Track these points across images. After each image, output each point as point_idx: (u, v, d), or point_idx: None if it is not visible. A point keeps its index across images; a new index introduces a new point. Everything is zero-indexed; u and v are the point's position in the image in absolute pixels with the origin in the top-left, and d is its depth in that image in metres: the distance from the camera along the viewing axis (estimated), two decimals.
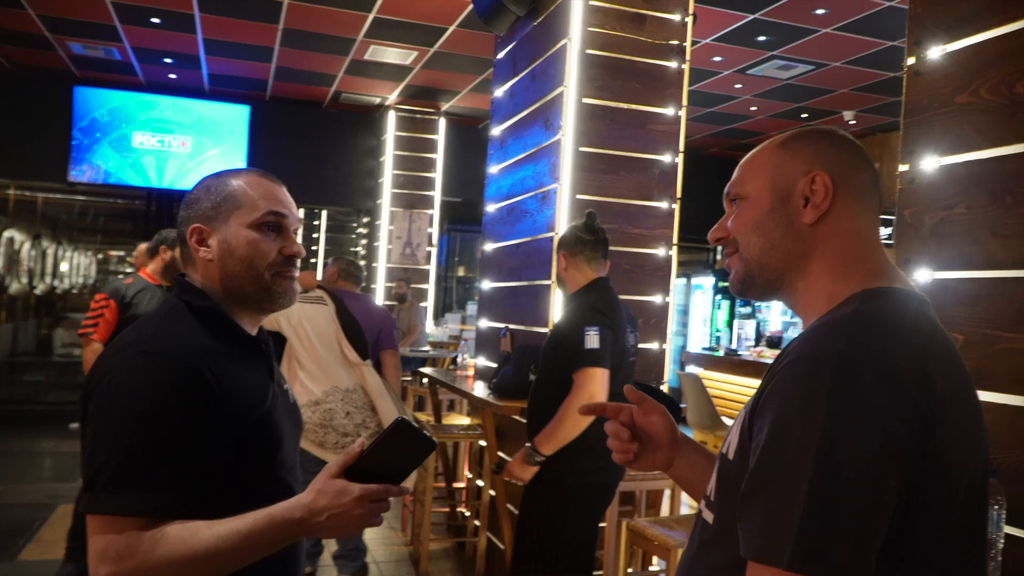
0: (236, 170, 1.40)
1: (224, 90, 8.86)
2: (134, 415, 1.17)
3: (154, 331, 1.28)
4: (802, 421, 0.84)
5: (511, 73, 4.92)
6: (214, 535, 1.14)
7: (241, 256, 1.33)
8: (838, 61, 6.92)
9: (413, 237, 9.03)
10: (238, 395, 1.27)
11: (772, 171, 1.06)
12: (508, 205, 4.79)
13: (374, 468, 1.17)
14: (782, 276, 1.05)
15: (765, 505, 0.85)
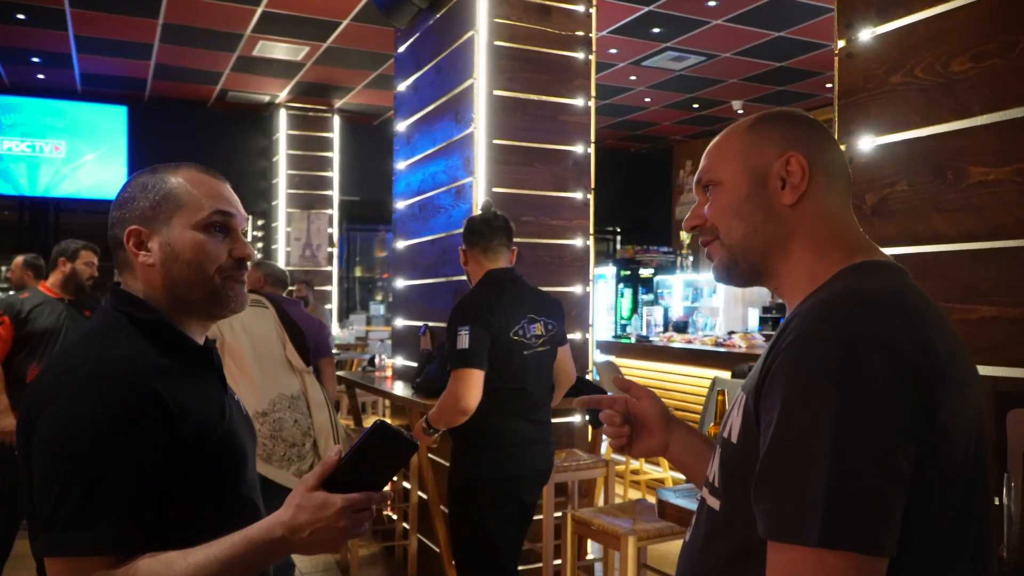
0: (174, 165, 1.28)
1: (98, 90, 8.35)
2: (89, 446, 1.06)
3: (99, 350, 1.15)
4: (812, 399, 0.85)
5: (414, 67, 4.82)
6: (190, 565, 1.05)
7: (187, 260, 1.21)
8: (728, 52, 7.14)
9: (312, 238, 8.77)
10: (197, 413, 1.17)
11: (745, 155, 1.06)
12: (420, 201, 4.69)
13: (353, 476, 1.10)
14: (765, 258, 1.06)
15: (784, 484, 0.85)
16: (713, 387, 4.74)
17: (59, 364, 1.15)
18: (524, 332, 2.78)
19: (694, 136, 10.57)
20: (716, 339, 6.36)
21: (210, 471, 1.18)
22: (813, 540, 0.81)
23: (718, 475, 1.02)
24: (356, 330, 8.91)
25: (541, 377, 2.83)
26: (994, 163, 1.58)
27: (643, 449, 1.31)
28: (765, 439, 0.89)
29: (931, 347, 0.87)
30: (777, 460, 0.87)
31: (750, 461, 0.92)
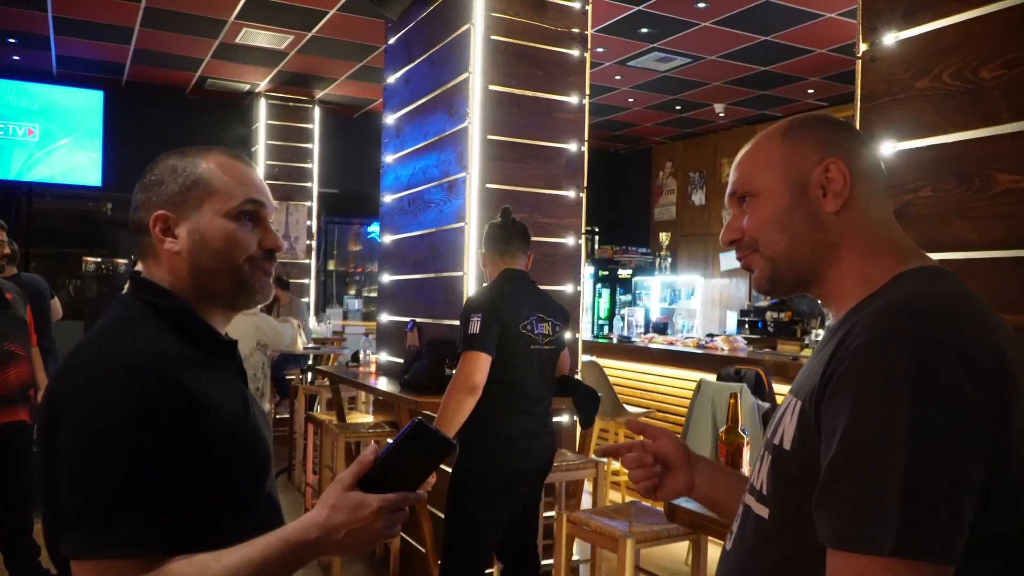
0: (204, 149, 1.25)
1: (75, 73, 8.16)
2: (119, 443, 1.02)
3: (124, 341, 1.11)
4: (885, 404, 0.83)
5: (406, 59, 4.76)
6: (224, 568, 1.01)
7: (216, 249, 1.18)
8: (713, 55, 7.15)
9: (291, 230, 8.65)
10: (222, 409, 1.13)
11: (782, 164, 1.04)
12: (409, 195, 4.64)
13: (390, 476, 1.08)
14: (812, 268, 1.04)
15: (853, 492, 0.83)
16: (700, 389, 4.75)
17: (83, 357, 1.10)
18: (532, 328, 2.90)
19: (674, 138, 10.60)
20: (698, 341, 6.37)
21: (237, 469, 1.14)
22: (887, 550, 0.80)
23: (767, 483, 1.00)
24: (333, 324, 8.81)
25: (544, 374, 2.95)
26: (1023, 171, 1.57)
27: (671, 490, 1.28)
28: (831, 445, 0.86)
29: (1002, 353, 0.86)
30: (846, 467, 0.85)
31: (808, 468, 0.90)
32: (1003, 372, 0.85)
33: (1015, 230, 1.58)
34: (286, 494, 5.91)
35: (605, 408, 5.35)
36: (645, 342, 6.53)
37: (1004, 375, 0.85)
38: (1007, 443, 0.84)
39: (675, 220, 10.71)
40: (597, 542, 2.74)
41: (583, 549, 4.02)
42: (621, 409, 5.26)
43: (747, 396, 4.48)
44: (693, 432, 4.66)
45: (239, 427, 1.16)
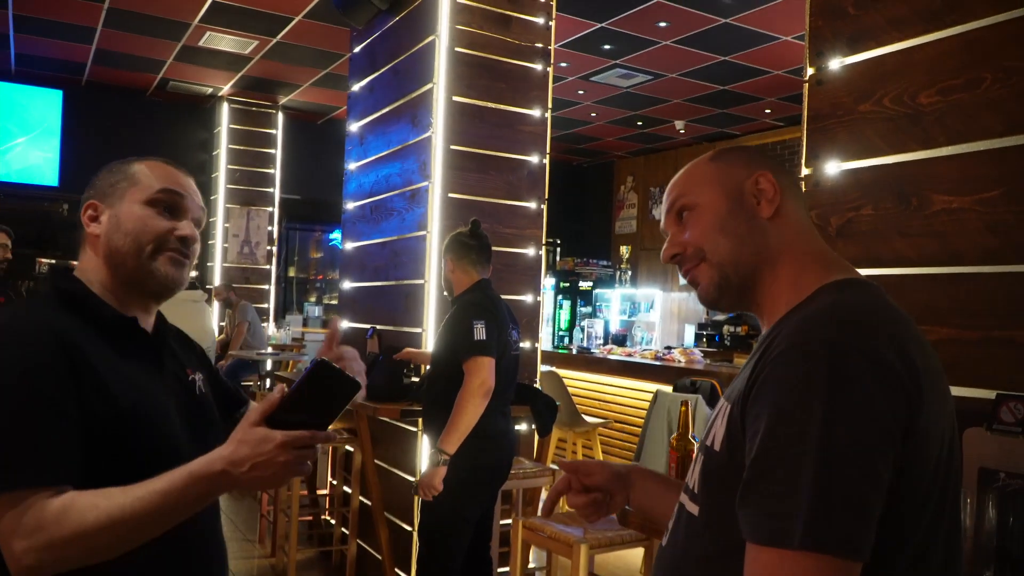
0: (147, 157, 1.37)
1: (33, 72, 8.04)
2: (5, 392, 1.13)
3: (12, 317, 1.25)
4: (800, 409, 0.88)
5: (370, 68, 4.79)
6: (131, 496, 1.09)
7: (127, 231, 1.28)
8: (674, 73, 7.29)
9: (251, 235, 8.60)
10: (106, 373, 1.20)
11: (716, 179, 1.11)
12: (371, 203, 4.66)
13: (296, 415, 1.11)
14: (754, 271, 1.09)
15: (770, 489, 0.88)
16: (656, 400, 4.84)
17: None
18: (511, 335, 3.06)
19: (636, 153, 10.76)
20: (656, 353, 6.47)
21: (114, 438, 1.19)
22: (795, 543, 0.85)
23: (699, 482, 1.05)
24: (292, 331, 8.75)
25: (513, 378, 3.15)
26: (957, 192, 1.66)
27: (609, 511, 1.38)
28: (752, 446, 0.92)
29: (911, 360, 0.92)
30: (764, 466, 0.90)
31: (735, 468, 0.96)
32: (911, 378, 0.90)
33: (947, 248, 1.67)
34: (241, 500, 5.86)
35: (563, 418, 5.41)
36: (604, 353, 6.61)
37: (912, 381, 0.90)
38: (914, 444, 0.90)
39: (635, 234, 10.85)
40: (552, 548, 2.78)
41: (539, 556, 4.06)
42: (579, 419, 5.32)
43: (701, 406, 4.58)
44: (649, 441, 4.73)
45: (120, 395, 1.21)
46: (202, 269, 9.10)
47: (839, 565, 0.85)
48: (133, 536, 1.11)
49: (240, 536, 5.10)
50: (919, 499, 0.92)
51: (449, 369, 2.92)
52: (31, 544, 1.07)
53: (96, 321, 1.26)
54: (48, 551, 1.08)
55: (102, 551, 1.11)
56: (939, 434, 0.94)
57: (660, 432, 4.67)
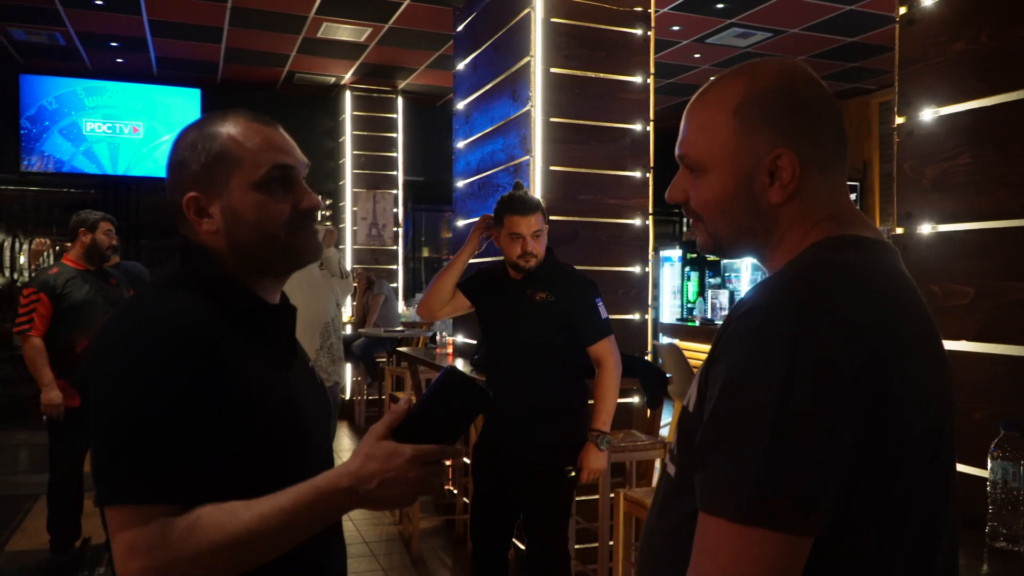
0: (222, 115, 1.19)
1: (173, 73, 8.60)
2: (137, 393, 1.04)
3: (154, 302, 1.14)
4: (754, 373, 0.82)
5: (473, 46, 4.82)
6: (255, 515, 1.01)
7: (251, 223, 1.16)
8: (796, 27, 6.92)
9: (378, 218, 8.89)
10: (252, 370, 1.12)
11: (730, 146, 0.98)
12: (479, 180, 4.71)
13: (424, 427, 1.05)
14: (751, 247, 1.03)
15: (718, 458, 0.83)
16: None
17: (117, 321, 1.13)
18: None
19: None
20: None
21: (268, 437, 1.13)
22: (738, 515, 0.79)
23: (676, 443, 1.01)
24: None
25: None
26: None
27: None
28: (707, 410, 0.86)
29: (887, 324, 0.84)
30: (715, 432, 0.84)
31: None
32: (883, 343, 0.82)
33: None
34: None
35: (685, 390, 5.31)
36: None
37: (882, 346, 0.82)
38: (887, 412, 0.82)
39: None
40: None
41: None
42: None
43: None
44: None
45: (268, 392, 1.14)
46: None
47: (784, 539, 0.79)
48: (255, 557, 1.03)
49: None
50: (890, 475, 0.84)
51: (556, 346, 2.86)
52: (149, 563, 0.99)
53: (235, 307, 1.16)
54: (166, 572, 1.00)
55: (221, 572, 1.03)
56: (923, 405, 0.86)
57: None
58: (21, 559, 4.21)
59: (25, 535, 4.56)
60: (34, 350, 3.82)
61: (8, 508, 5.04)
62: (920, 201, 1.75)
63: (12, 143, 8.19)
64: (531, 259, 2.83)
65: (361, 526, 4.85)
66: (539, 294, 2.85)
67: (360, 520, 4.96)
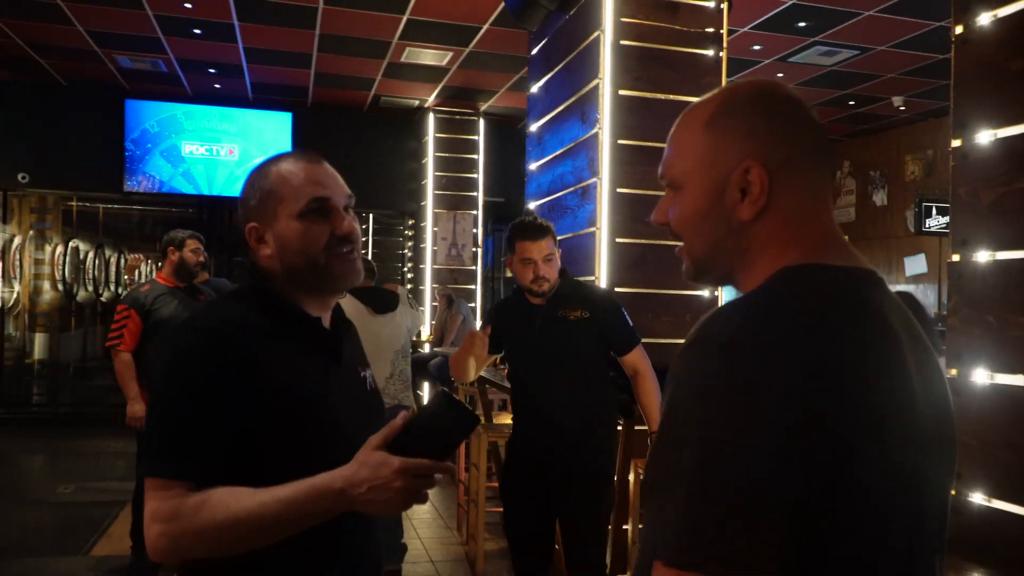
0: (275, 157, 1.40)
1: (267, 98, 8.98)
2: (174, 387, 1.25)
3: (206, 310, 1.40)
4: (688, 413, 0.80)
5: (545, 68, 4.87)
6: (256, 501, 1.16)
7: (295, 248, 1.34)
8: (884, 45, 6.72)
9: (458, 238, 9.02)
10: (280, 371, 1.28)
11: (702, 160, 0.97)
12: (548, 202, 4.74)
13: (417, 443, 1.15)
14: (729, 269, 0.99)
15: (655, 501, 0.81)
16: None
17: (176, 325, 1.46)
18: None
19: (851, 135, 10.01)
20: None
21: (293, 432, 1.26)
22: (672, 559, 0.77)
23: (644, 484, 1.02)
24: None
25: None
26: None
27: None
28: (653, 446, 0.85)
29: (826, 367, 0.79)
30: (651, 475, 0.83)
31: None
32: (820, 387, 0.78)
33: None
34: (446, 489, 6.17)
35: None
36: None
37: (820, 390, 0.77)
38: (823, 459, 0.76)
39: (854, 222, 10.10)
40: None
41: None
42: None
43: None
44: None
45: (291, 390, 1.28)
46: (414, 271, 9.69)
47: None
48: (254, 538, 1.18)
49: (442, 523, 5.39)
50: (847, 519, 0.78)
51: (596, 361, 2.96)
52: (165, 530, 1.18)
53: (280, 318, 1.34)
54: (178, 540, 1.18)
55: (225, 548, 1.19)
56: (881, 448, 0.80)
57: None
58: (104, 563, 4.41)
59: (110, 540, 4.78)
60: (123, 364, 4.03)
61: (97, 513, 5.31)
62: (976, 227, 1.68)
63: (117, 164, 8.70)
64: (544, 283, 2.88)
65: (429, 545, 4.91)
66: (573, 313, 2.90)
67: (428, 539, 5.02)
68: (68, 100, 8.64)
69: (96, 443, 7.64)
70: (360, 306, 4.01)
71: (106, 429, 7.79)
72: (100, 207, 10.62)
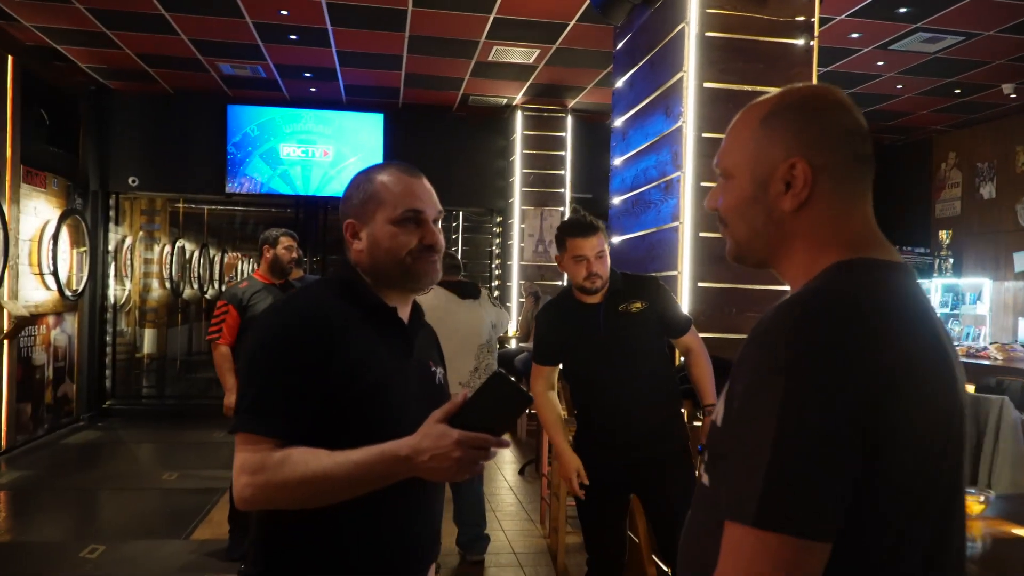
0: (382, 166, 1.57)
1: (360, 100, 9.21)
2: (268, 356, 1.40)
3: (300, 294, 1.55)
4: (763, 393, 0.91)
5: (630, 63, 4.84)
6: (332, 461, 1.30)
7: (385, 248, 1.51)
8: (991, 30, 6.38)
9: (545, 235, 9.06)
10: (358, 353, 1.42)
11: (753, 153, 1.08)
12: (632, 196, 4.71)
13: (473, 418, 1.27)
14: (768, 256, 1.12)
15: (733, 467, 0.93)
16: None
17: (273, 303, 1.60)
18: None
19: (957, 125, 9.54)
20: (967, 349, 5.74)
21: (360, 412, 1.40)
22: (751, 520, 0.89)
23: (708, 455, 1.10)
24: None
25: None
26: None
27: None
28: (726, 427, 0.97)
29: (884, 349, 0.91)
30: (730, 446, 0.95)
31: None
32: (879, 368, 0.90)
33: None
34: (532, 484, 6.22)
35: None
36: None
37: (875, 373, 0.89)
38: (885, 435, 0.89)
39: (959, 216, 9.63)
40: None
41: None
42: None
43: (1008, 410, 3.99)
44: None
45: (365, 374, 1.41)
46: (501, 268, 9.77)
47: (798, 543, 0.87)
48: (328, 494, 1.33)
49: (525, 516, 5.43)
50: (896, 491, 0.92)
51: (659, 349, 3.04)
52: (251, 481, 1.32)
53: (362, 306, 1.49)
54: (262, 491, 1.32)
55: (303, 501, 1.34)
56: (924, 430, 0.93)
57: None
58: (204, 547, 4.64)
59: (210, 525, 5.02)
60: (221, 357, 4.23)
61: (199, 499, 5.58)
62: None
63: (220, 167, 9.11)
64: (597, 280, 2.87)
65: (512, 536, 4.96)
66: (633, 305, 2.92)
67: (511, 531, 5.07)
68: (175, 108, 9.09)
69: (199, 434, 8.03)
70: (445, 293, 4.15)
71: (209, 421, 8.17)
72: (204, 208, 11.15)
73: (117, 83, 8.77)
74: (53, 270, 7.71)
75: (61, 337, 8.10)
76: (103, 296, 9.21)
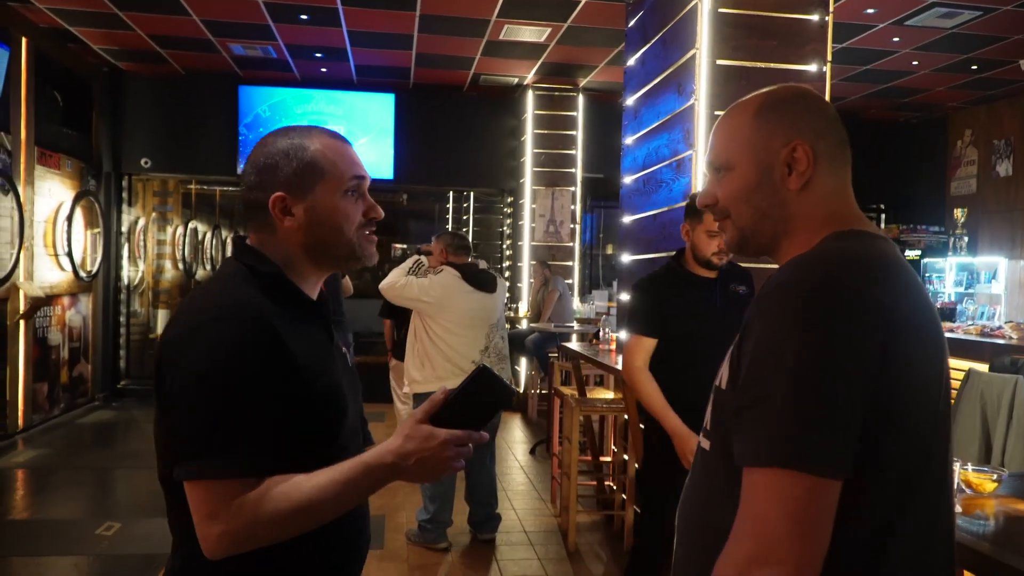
0: (305, 130, 1.37)
1: (371, 80, 9.19)
2: (220, 382, 1.17)
3: (220, 295, 1.28)
4: (779, 344, 0.97)
5: (642, 41, 4.80)
6: (314, 487, 1.19)
7: (332, 224, 1.33)
8: (1009, 4, 6.28)
9: (556, 215, 9.03)
10: (304, 358, 1.27)
11: (752, 143, 1.15)
12: (643, 176, 4.69)
13: (457, 415, 1.23)
14: (773, 238, 1.18)
15: (751, 415, 0.97)
16: (968, 380, 4.28)
17: (188, 311, 1.27)
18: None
19: (974, 102, 9.42)
20: (982, 328, 5.70)
21: (316, 413, 1.28)
22: (771, 460, 0.93)
23: (710, 419, 1.15)
24: (597, 305, 9.06)
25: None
26: None
27: None
28: (740, 382, 1.02)
29: (887, 306, 0.98)
30: (748, 397, 0.99)
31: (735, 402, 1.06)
32: (885, 321, 0.97)
33: None
34: (543, 463, 6.26)
35: None
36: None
37: (885, 324, 0.97)
38: (893, 377, 0.96)
39: (975, 195, 9.53)
40: None
41: None
42: None
43: (1023, 389, 3.97)
44: (960, 426, 4.22)
45: (318, 377, 1.29)
46: (512, 248, 9.77)
47: (813, 480, 0.92)
48: (316, 520, 1.21)
49: (535, 495, 5.46)
50: (907, 427, 0.98)
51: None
52: (227, 529, 1.15)
53: (287, 302, 1.31)
54: (244, 538, 1.16)
55: (287, 535, 1.20)
56: (924, 376, 1.01)
57: (971, 417, 4.14)
58: None
59: None
60: None
61: None
62: None
63: (232, 148, 9.11)
64: (724, 256, 2.95)
65: (522, 516, 4.99)
66: (739, 287, 3.02)
67: (522, 510, 5.10)
68: (187, 89, 9.09)
69: None
70: (454, 276, 4.14)
71: None
72: (216, 190, 11.18)
73: (130, 65, 8.78)
74: (68, 251, 7.76)
75: (76, 318, 8.17)
76: (117, 277, 9.28)
